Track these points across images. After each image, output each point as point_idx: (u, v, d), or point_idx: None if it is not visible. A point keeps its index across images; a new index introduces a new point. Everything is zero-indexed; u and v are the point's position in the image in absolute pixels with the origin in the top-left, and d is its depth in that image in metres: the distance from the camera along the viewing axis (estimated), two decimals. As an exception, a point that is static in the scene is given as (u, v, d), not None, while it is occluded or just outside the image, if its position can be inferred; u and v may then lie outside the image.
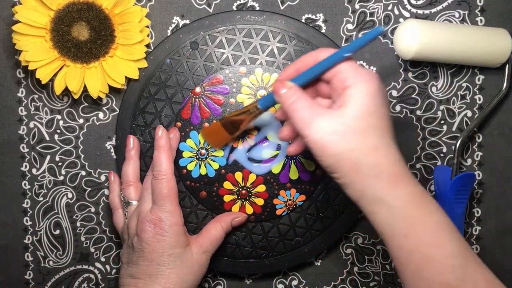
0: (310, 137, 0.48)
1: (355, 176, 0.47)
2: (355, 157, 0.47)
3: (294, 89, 0.51)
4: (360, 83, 0.48)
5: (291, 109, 0.50)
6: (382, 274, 0.66)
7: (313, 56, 0.52)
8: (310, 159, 0.62)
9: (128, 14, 0.60)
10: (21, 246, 0.65)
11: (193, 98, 0.62)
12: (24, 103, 0.64)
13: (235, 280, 0.66)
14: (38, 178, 0.65)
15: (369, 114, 0.47)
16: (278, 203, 0.63)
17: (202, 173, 0.62)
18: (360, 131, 0.47)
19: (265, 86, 0.62)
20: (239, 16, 0.63)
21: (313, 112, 0.48)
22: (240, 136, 0.61)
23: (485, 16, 0.64)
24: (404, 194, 0.47)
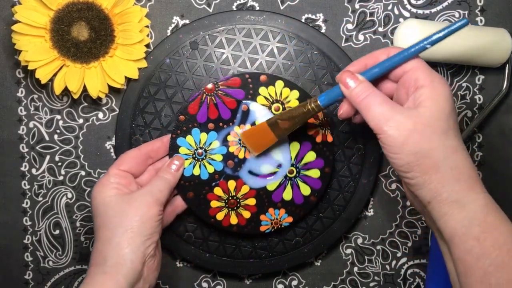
0: (388, 134, 0.47)
1: (433, 175, 0.46)
2: (437, 157, 0.46)
3: (366, 83, 0.49)
4: (436, 85, 0.47)
5: (364, 104, 0.48)
6: (382, 274, 0.66)
7: (385, 52, 0.51)
8: (308, 183, 0.61)
9: (127, 14, 0.60)
10: (20, 246, 0.65)
11: (204, 95, 0.60)
12: (24, 103, 0.64)
13: (235, 280, 0.66)
14: (38, 178, 0.65)
15: (448, 116, 0.47)
16: (264, 219, 0.61)
17: (195, 173, 0.60)
18: (442, 131, 0.47)
19: (281, 100, 0.60)
20: (239, 16, 0.63)
21: (390, 109, 0.47)
22: (244, 146, 0.60)
23: (485, 16, 0.64)
24: (480, 199, 0.46)
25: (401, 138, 0.46)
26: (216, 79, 0.62)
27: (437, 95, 0.47)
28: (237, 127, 0.60)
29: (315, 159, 0.60)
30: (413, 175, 0.47)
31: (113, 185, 0.56)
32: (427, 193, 0.47)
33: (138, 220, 0.54)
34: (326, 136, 0.60)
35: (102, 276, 0.53)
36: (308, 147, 0.60)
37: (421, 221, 0.65)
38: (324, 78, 0.62)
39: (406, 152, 0.46)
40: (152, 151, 0.60)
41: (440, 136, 0.47)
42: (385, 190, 0.65)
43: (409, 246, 0.66)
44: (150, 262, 0.55)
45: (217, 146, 0.60)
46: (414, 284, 0.66)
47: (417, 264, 0.66)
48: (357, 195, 0.63)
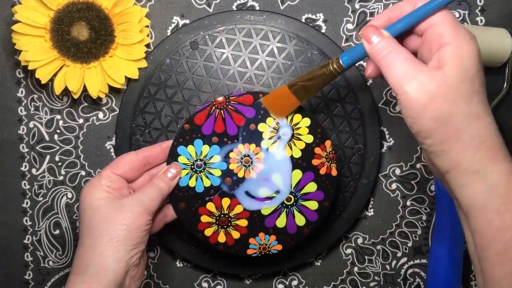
0: (409, 95, 0.44)
1: (453, 144, 0.43)
2: (459, 123, 0.43)
3: (390, 39, 0.46)
4: (461, 42, 0.44)
5: (386, 61, 0.45)
6: (382, 274, 0.66)
7: (411, 3, 0.47)
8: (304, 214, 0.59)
9: (128, 14, 0.60)
10: (21, 246, 0.65)
11: (214, 107, 0.57)
12: (24, 103, 0.64)
13: (235, 280, 0.66)
14: (38, 178, 0.65)
15: (473, 78, 0.44)
16: (252, 243, 0.59)
17: (190, 185, 0.58)
18: (465, 95, 0.43)
19: (291, 125, 0.57)
20: (239, 16, 0.63)
21: (413, 68, 0.44)
22: (245, 166, 0.58)
23: (485, 16, 0.64)
24: (503, 169, 0.44)
25: (422, 101, 0.43)
26: (216, 79, 0.62)
27: (462, 54, 0.44)
28: (241, 145, 0.58)
29: (315, 191, 0.58)
30: (432, 142, 0.44)
31: (103, 187, 0.55)
32: (446, 162, 0.44)
33: (124, 229, 0.52)
34: (331, 170, 0.58)
35: (82, 284, 0.51)
36: (310, 178, 0.58)
37: (421, 221, 0.65)
38: (324, 78, 0.62)
39: (427, 117, 0.44)
40: (150, 157, 0.58)
41: (464, 101, 0.43)
42: (385, 190, 0.65)
43: (409, 246, 0.66)
44: (133, 271, 0.54)
45: (218, 161, 0.58)
46: (414, 284, 0.66)
47: (417, 264, 0.66)
48: (357, 195, 0.63)
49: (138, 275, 0.55)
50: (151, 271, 0.66)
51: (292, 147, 0.58)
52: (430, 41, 0.46)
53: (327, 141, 0.58)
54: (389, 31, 0.47)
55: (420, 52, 0.48)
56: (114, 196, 0.54)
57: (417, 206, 0.65)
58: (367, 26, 0.48)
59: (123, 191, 0.56)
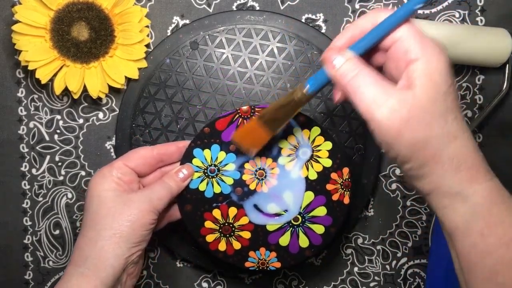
0: (381, 123, 0.41)
1: (432, 167, 0.42)
2: (436, 146, 0.41)
3: (353, 60, 0.43)
4: (430, 57, 0.41)
5: (352, 87, 0.42)
6: (382, 274, 0.66)
7: (371, 19, 0.44)
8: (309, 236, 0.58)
9: (128, 14, 0.60)
10: (21, 246, 0.65)
11: (237, 115, 0.56)
12: (24, 103, 0.64)
13: (235, 280, 0.66)
14: (38, 178, 0.65)
15: (445, 95, 0.41)
16: (252, 256, 0.58)
17: (200, 188, 0.57)
18: (439, 116, 0.41)
19: (312, 146, 0.57)
20: (239, 16, 0.63)
21: (382, 92, 0.41)
22: (258, 179, 0.57)
23: (485, 16, 0.64)
24: (484, 189, 0.42)
25: (395, 128, 0.41)
26: (216, 79, 0.62)
27: (431, 71, 0.41)
28: (258, 158, 0.57)
29: (324, 215, 0.58)
30: (410, 166, 0.43)
31: (113, 178, 0.54)
32: (427, 185, 0.43)
33: (128, 225, 0.52)
34: (344, 197, 0.58)
35: (79, 277, 0.51)
36: (322, 202, 0.58)
37: (421, 221, 0.65)
38: (324, 78, 0.62)
39: (402, 143, 0.41)
40: (165, 154, 0.57)
41: (438, 122, 0.41)
42: (385, 190, 0.65)
43: (409, 246, 0.66)
44: (131, 268, 0.53)
45: (232, 169, 0.57)
46: (414, 284, 0.66)
47: (417, 264, 0.66)
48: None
49: (135, 273, 0.54)
50: (151, 271, 0.66)
51: (309, 168, 0.57)
52: (396, 58, 0.43)
53: (345, 168, 0.57)
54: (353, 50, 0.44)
55: (387, 69, 0.45)
56: (123, 189, 0.54)
57: (417, 206, 0.65)
58: (328, 49, 0.45)
59: (133, 185, 0.55)
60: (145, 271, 0.66)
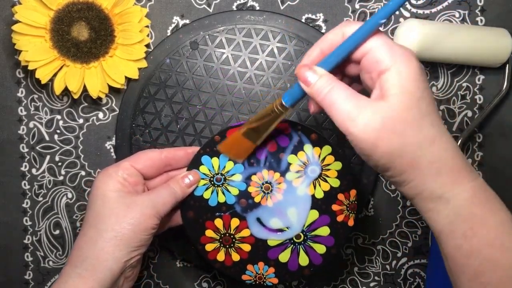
0: (356, 136, 0.42)
1: (412, 173, 0.42)
2: (412, 153, 0.42)
3: (326, 76, 0.44)
4: (399, 65, 0.42)
5: (327, 102, 0.43)
6: (382, 274, 0.66)
7: (339, 32, 0.45)
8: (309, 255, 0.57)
9: (128, 14, 0.60)
10: (21, 246, 0.65)
11: None
12: (24, 103, 0.64)
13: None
14: (38, 178, 0.65)
15: (418, 101, 0.42)
16: (250, 269, 0.58)
17: (205, 196, 0.57)
18: (413, 122, 0.42)
19: (322, 165, 0.56)
20: (239, 16, 0.63)
21: (356, 105, 0.42)
22: (264, 192, 0.57)
23: (485, 16, 0.64)
24: (466, 191, 0.42)
25: (371, 140, 0.42)
26: (216, 79, 0.62)
27: (403, 79, 0.42)
28: (266, 171, 0.56)
29: (327, 235, 0.57)
30: (391, 174, 0.43)
31: (119, 179, 0.53)
32: (409, 190, 0.44)
33: (130, 229, 0.51)
34: (349, 219, 0.57)
35: (76, 279, 0.50)
36: (326, 221, 0.57)
37: (421, 221, 0.65)
38: (324, 78, 0.62)
39: (379, 154, 0.42)
40: (173, 159, 0.57)
41: (413, 129, 0.42)
42: (385, 190, 0.65)
43: (409, 246, 0.66)
44: (129, 272, 0.53)
45: (238, 180, 0.56)
46: (414, 284, 0.66)
47: (417, 264, 0.66)
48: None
49: (132, 276, 0.54)
50: (151, 271, 0.66)
51: (316, 187, 0.56)
52: (368, 69, 0.44)
53: (352, 190, 0.57)
54: (323, 67, 0.45)
55: (363, 80, 0.46)
56: (128, 191, 0.53)
57: (417, 206, 0.65)
58: (300, 66, 0.46)
59: (138, 187, 0.55)
60: (145, 271, 0.66)
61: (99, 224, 0.52)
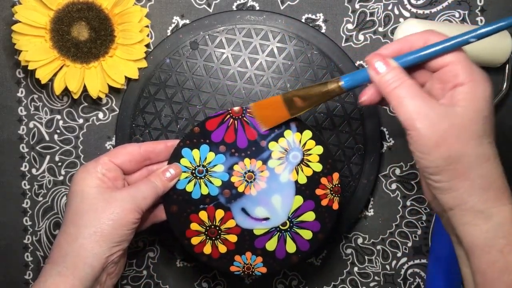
0: (421, 132, 0.43)
1: (461, 182, 0.43)
2: (468, 163, 0.43)
3: (399, 70, 0.45)
4: (476, 83, 0.44)
5: (396, 95, 0.44)
6: (382, 274, 0.66)
7: (422, 38, 0.46)
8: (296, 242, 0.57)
9: (127, 14, 0.60)
10: (21, 246, 0.65)
11: (228, 115, 0.56)
12: (24, 103, 0.64)
13: (235, 280, 0.66)
14: (38, 178, 0.65)
15: (484, 119, 0.44)
16: (238, 260, 0.57)
17: (188, 189, 0.56)
18: (477, 136, 0.43)
19: (303, 150, 0.56)
20: (239, 16, 0.63)
21: (425, 104, 0.43)
22: (247, 181, 0.56)
23: (485, 16, 0.64)
24: (508, 210, 0.44)
25: (434, 139, 0.43)
26: (216, 79, 0.62)
27: (476, 96, 0.44)
28: (248, 160, 0.56)
29: (312, 221, 0.57)
30: (439, 179, 0.44)
31: (98, 174, 0.53)
32: (451, 199, 0.44)
33: (110, 224, 0.51)
34: (333, 203, 0.57)
35: (56, 277, 0.50)
36: (311, 207, 0.57)
37: (421, 221, 0.65)
38: (324, 78, 0.62)
39: (437, 155, 0.43)
40: (152, 152, 0.56)
41: (475, 142, 0.43)
42: (385, 190, 0.65)
43: (409, 246, 0.66)
44: (111, 268, 0.52)
45: (221, 171, 0.56)
46: (414, 284, 0.66)
47: (417, 264, 0.66)
48: (357, 195, 0.63)
49: (115, 272, 0.53)
50: (151, 271, 0.66)
51: (298, 172, 0.56)
52: (443, 80, 0.45)
53: (335, 173, 0.56)
54: (398, 62, 0.46)
55: (429, 88, 0.47)
56: (107, 186, 0.53)
57: (417, 206, 0.65)
58: (374, 54, 0.46)
59: (118, 182, 0.54)
60: (145, 271, 0.66)
61: (78, 220, 0.51)
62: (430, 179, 0.45)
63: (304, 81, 0.62)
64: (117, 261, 0.53)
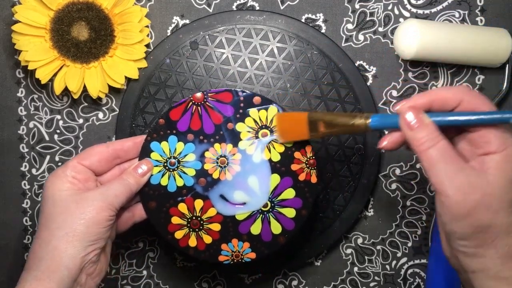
0: (452, 199, 0.42)
1: (487, 250, 0.43)
2: (496, 233, 0.43)
3: (433, 129, 0.43)
4: (507, 154, 0.43)
5: (429, 157, 0.43)
6: (382, 274, 0.66)
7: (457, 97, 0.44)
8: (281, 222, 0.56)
9: (127, 14, 0.60)
10: (20, 246, 0.65)
11: (191, 102, 0.56)
12: (24, 103, 0.64)
13: (235, 280, 0.66)
14: (38, 178, 0.65)
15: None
16: (225, 249, 0.56)
17: (162, 183, 0.56)
18: (507, 205, 0.43)
19: (270, 126, 0.55)
20: (239, 16, 0.63)
21: (458, 170, 0.43)
22: (221, 167, 0.56)
23: (485, 16, 0.64)
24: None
25: (465, 208, 0.42)
26: (216, 79, 0.62)
27: (509, 165, 0.43)
28: (218, 145, 0.55)
29: (293, 198, 0.56)
30: (465, 244, 0.44)
31: (68, 178, 0.52)
32: (475, 264, 0.44)
33: (82, 223, 0.50)
34: (311, 176, 0.56)
35: (33, 282, 0.49)
36: (289, 183, 0.56)
37: (421, 221, 0.65)
38: (324, 78, 0.62)
39: (467, 223, 0.43)
40: (121, 150, 0.56)
41: (505, 212, 0.43)
42: (385, 190, 0.65)
43: (409, 246, 0.66)
44: (90, 268, 0.52)
45: (192, 160, 0.56)
46: (414, 284, 0.66)
47: (417, 264, 0.66)
48: (357, 195, 0.63)
49: (96, 272, 0.53)
50: (151, 271, 0.66)
51: (271, 150, 0.55)
52: (475, 143, 0.44)
53: (307, 146, 0.55)
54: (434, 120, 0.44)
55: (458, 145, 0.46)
56: (78, 188, 0.53)
57: (417, 206, 0.65)
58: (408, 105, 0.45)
59: (89, 183, 0.54)
60: (145, 271, 0.66)
61: (51, 224, 0.51)
62: (456, 243, 0.44)
63: (304, 81, 0.62)
64: (95, 260, 0.52)
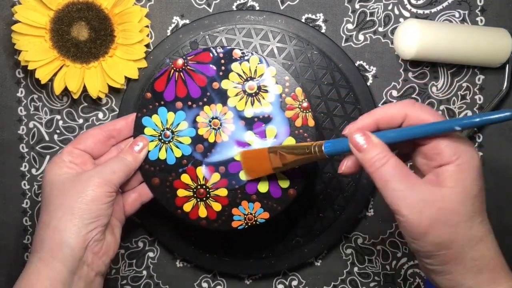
0: (409, 218, 0.42)
1: (453, 267, 0.43)
2: (459, 248, 0.42)
3: (382, 148, 0.43)
4: (462, 162, 0.42)
5: (380, 176, 0.42)
6: (382, 274, 0.66)
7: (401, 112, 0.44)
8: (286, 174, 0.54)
9: (127, 14, 0.60)
10: (20, 246, 0.65)
11: (172, 70, 0.55)
12: (24, 103, 0.64)
13: (235, 280, 0.66)
14: (38, 178, 0.65)
15: (474, 199, 0.42)
16: (236, 213, 0.55)
17: (161, 157, 0.55)
18: (467, 219, 0.42)
19: (256, 78, 0.54)
20: (239, 16, 0.63)
21: (411, 187, 0.42)
22: (215, 129, 0.55)
23: (485, 16, 0.64)
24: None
25: (422, 226, 0.42)
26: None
27: (463, 176, 0.42)
28: (207, 107, 0.55)
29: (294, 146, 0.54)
30: (432, 262, 0.43)
31: (65, 163, 0.53)
32: (445, 282, 0.44)
33: (80, 201, 0.50)
34: (307, 120, 0.54)
35: (38, 263, 0.50)
36: (287, 132, 0.54)
37: (421, 221, 0.65)
38: (324, 78, 0.62)
39: (427, 241, 0.42)
40: (114, 130, 0.56)
41: (465, 224, 0.42)
42: (385, 190, 0.65)
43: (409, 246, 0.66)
44: (95, 247, 0.51)
45: (186, 128, 0.55)
46: (414, 284, 0.66)
47: (417, 264, 0.66)
48: (357, 195, 0.63)
49: (103, 251, 0.53)
50: (151, 271, 0.66)
51: (261, 101, 0.55)
52: (428, 156, 0.44)
53: (297, 89, 0.54)
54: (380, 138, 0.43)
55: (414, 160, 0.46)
56: (76, 172, 0.53)
57: (417, 206, 0.65)
58: (354, 127, 0.44)
59: (87, 166, 0.54)
60: (145, 271, 0.66)
61: (49, 206, 0.52)
62: (423, 261, 0.44)
63: (304, 81, 0.62)
64: (100, 238, 0.52)
